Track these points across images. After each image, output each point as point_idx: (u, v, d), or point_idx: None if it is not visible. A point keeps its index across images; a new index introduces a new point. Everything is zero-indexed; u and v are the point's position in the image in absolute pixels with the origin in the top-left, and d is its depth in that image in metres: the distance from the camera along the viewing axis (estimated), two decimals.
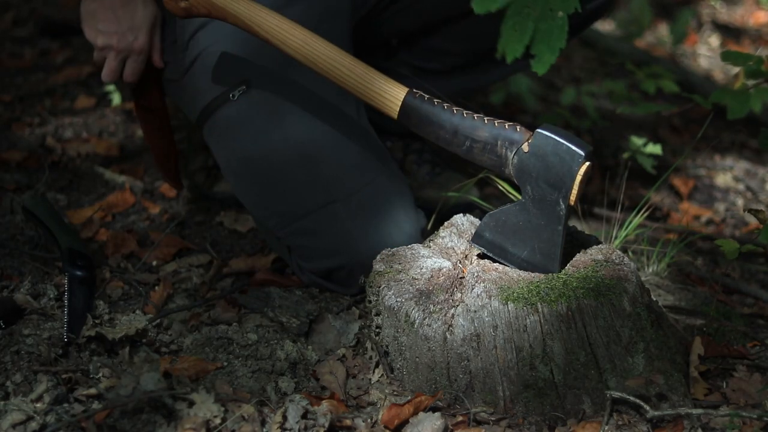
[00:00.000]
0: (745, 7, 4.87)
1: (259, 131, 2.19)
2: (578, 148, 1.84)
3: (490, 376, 1.84)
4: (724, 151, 3.54)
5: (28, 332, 1.99)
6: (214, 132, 2.25)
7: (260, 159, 2.20)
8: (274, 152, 2.19)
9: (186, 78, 2.27)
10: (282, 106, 2.19)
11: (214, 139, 2.27)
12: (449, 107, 1.92)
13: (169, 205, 2.67)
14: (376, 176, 2.21)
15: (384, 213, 2.21)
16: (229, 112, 2.21)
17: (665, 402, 1.87)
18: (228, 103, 2.21)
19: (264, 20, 2.01)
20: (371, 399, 1.91)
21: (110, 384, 1.85)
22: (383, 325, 1.93)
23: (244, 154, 2.22)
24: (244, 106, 2.19)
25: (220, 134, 2.25)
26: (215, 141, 2.27)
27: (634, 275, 1.90)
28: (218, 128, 2.24)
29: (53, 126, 3.01)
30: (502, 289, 1.86)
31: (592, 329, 1.84)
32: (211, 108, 2.24)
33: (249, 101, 2.19)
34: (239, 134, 2.22)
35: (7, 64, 3.42)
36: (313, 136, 2.18)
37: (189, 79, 2.27)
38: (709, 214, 3.13)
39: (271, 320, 2.09)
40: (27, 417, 1.76)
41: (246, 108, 2.19)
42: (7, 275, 2.23)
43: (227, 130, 2.23)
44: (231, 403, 1.83)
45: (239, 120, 2.20)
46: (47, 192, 2.67)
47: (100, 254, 2.37)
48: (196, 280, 2.29)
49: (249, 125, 2.20)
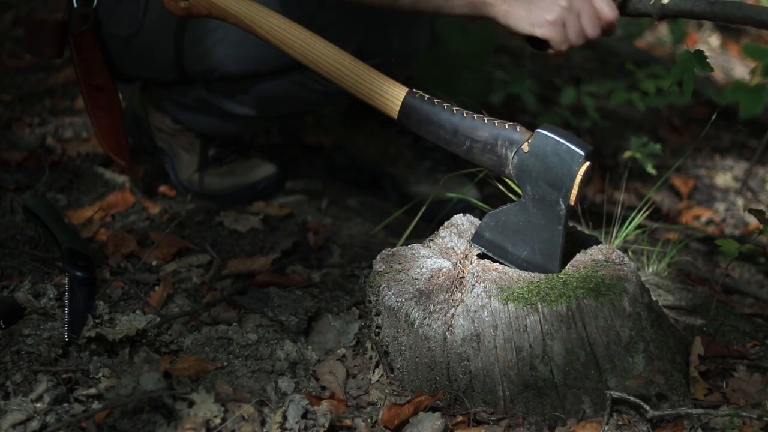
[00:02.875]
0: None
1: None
2: (578, 148, 1.84)
3: (490, 376, 1.84)
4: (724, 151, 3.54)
5: (28, 332, 1.99)
6: (197, 25, 2.43)
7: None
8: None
9: (146, 18, 2.44)
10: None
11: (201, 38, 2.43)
12: (449, 107, 1.92)
13: (169, 205, 2.67)
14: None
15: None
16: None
17: (665, 402, 1.87)
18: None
19: (264, 20, 2.01)
20: (371, 399, 1.91)
21: (110, 384, 1.85)
22: (383, 325, 1.93)
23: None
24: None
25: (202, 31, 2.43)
26: (203, 39, 2.44)
27: (634, 275, 1.90)
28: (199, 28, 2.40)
29: (53, 126, 3.01)
30: (502, 289, 1.86)
31: (592, 329, 1.84)
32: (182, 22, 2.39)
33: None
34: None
35: (7, 64, 3.42)
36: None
37: (149, 18, 2.46)
38: (709, 214, 3.13)
39: (270, 320, 2.09)
40: (27, 417, 1.76)
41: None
42: (7, 275, 2.23)
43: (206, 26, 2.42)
44: (231, 403, 1.83)
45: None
46: (47, 192, 2.67)
47: (100, 254, 2.37)
48: (196, 280, 2.29)
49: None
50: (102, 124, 2.59)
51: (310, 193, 2.81)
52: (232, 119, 2.62)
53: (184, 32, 2.49)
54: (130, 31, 2.52)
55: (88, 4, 2.49)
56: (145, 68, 2.62)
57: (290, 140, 3.14)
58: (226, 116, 2.61)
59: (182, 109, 2.67)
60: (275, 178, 2.76)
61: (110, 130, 2.61)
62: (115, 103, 2.62)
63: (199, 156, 2.72)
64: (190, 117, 2.67)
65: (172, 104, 2.68)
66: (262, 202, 2.69)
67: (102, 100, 2.59)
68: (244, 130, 2.74)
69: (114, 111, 2.62)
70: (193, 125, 2.69)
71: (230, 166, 2.74)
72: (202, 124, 2.67)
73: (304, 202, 2.75)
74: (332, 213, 2.72)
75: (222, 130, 2.68)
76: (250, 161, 2.76)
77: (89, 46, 2.52)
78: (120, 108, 2.64)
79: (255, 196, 2.72)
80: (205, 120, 2.66)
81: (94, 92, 2.57)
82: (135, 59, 2.58)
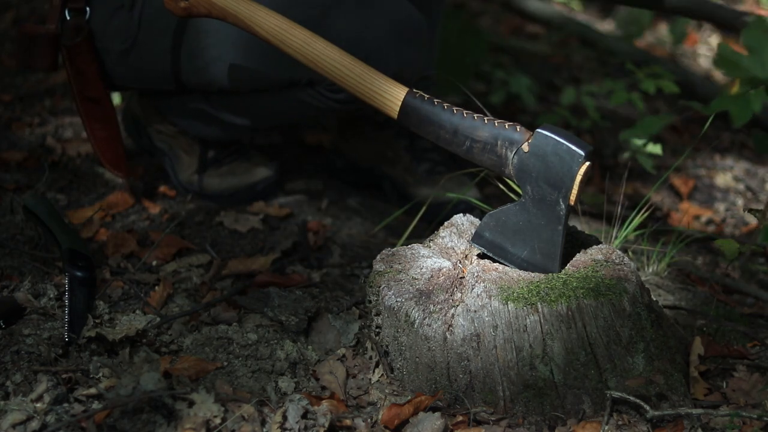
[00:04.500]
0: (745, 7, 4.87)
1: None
2: (578, 148, 1.84)
3: (490, 376, 1.84)
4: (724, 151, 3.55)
5: (28, 332, 1.99)
6: (193, 42, 2.43)
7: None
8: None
9: (140, 33, 2.44)
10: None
11: (195, 50, 2.44)
12: (449, 107, 1.92)
13: (169, 205, 2.67)
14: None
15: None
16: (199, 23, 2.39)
17: (665, 402, 1.87)
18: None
19: (264, 20, 2.01)
20: (371, 399, 1.91)
21: (110, 384, 1.85)
22: (383, 325, 1.93)
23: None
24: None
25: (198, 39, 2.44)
26: (199, 50, 2.44)
27: (634, 275, 1.90)
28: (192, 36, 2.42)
29: (53, 126, 3.01)
30: (502, 289, 1.86)
31: (592, 329, 1.84)
32: (180, 28, 2.42)
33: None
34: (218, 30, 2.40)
35: (7, 64, 3.42)
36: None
37: (143, 33, 2.45)
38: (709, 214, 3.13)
39: (270, 320, 2.09)
40: (27, 417, 1.76)
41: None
42: (7, 275, 2.23)
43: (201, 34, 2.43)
44: (231, 403, 1.83)
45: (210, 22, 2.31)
46: (47, 192, 2.67)
47: (100, 254, 2.37)
48: (196, 280, 2.29)
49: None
50: (98, 136, 2.58)
51: (309, 193, 2.81)
52: (231, 128, 2.63)
53: (180, 46, 2.48)
54: (125, 45, 2.51)
55: (80, 16, 2.48)
56: (142, 81, 2.61)
57: (290, 140, 3.14)
58: (225, 125, 2.62)
59: (181, 116, 2.67)
60: (275, 178, 2.76)
61: (107, 142, 2.60)
62: (111, 115, 2.61)
63: (198, 157, 2.72)
64: (189, 124, 2.67)
65: (171, 111, 2.68)
66: (261, 203, 2.70)
67: (98, 113, 2.57)
68: (243, 137, 2.74)
69: (110, 123, 2.61)
70: (192, 131, 2.69)
71: (230, 166, 2.74)
72: (201, 131, 2.68)
73: (304, 202, 2.75)
74: (332, 213, 2.73)
75: (221, 137, 2.69)
76: (249, 162, 2.76)
77: (83, 59, 2.51)
78: (116, 119, 2.64)
79: (254, 197, 2.72)
80: (204, 128, 2.66)
81: (90, 104, 2.56)
82: (131, 72, 2.57)
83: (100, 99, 2.57)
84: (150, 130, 2.75)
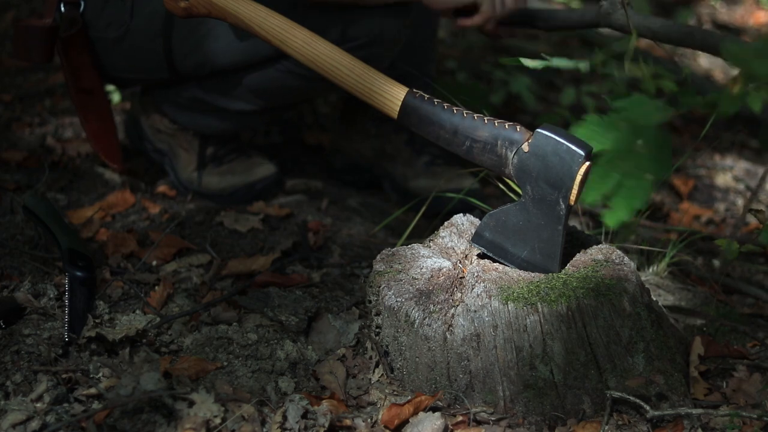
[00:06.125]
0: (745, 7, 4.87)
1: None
2: (578, 148, 1.84)
3: (490, 376, 1.84)
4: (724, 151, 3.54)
5: (28, 332, 1.99)
6: (184, 24, 2.46)
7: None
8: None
9: (133, 20, 2.47)
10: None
11: (188, 44, 2.46)
12: (449, 107, 1.92)
13: (169, 204, 2.67)
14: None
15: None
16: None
17: (665, 402, 1.87)
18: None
19: (264, 20, 2.01)
20: (371, 399, 1.91)
21: (110, 384, 1.85)
22: (383, 325, 1.93)
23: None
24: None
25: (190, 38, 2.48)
26: (190, 46, 2.49)
27: (634, 275, 1.90)
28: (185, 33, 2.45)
29: (53, 126, 3.01)
30: (502, 288, 1.86)
31: (592, 329, 1.84)
32: (169, 20, 2.46)
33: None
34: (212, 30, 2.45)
35: (7, 64, 3.42)
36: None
37: (136, 20, 2.48)
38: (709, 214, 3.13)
39: (270, 320, 2.09)
40: (27, 417, 1.76)
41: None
42: (7, 275, 2.23)
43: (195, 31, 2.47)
44: (231, 403, 1.83)
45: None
46: (47, 192, 2.67)
47: (100, 254, 2.37)
48: (196, 280, 2.29)
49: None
50: (92, 127, 2.63)
51: (310, 193, 2.81)
52: (228, 116, 2.63)
53: (172, 30, 2.51)
54: (118, 33, 2.54)
55: (75, 8, 2.50)
56: (136, 70, 2.63)
57: (290, 140, 3.14)
58: (222, 113, 2.62)
59: (179, 109, 2.68)
60: (274, 177, 2.76)
61: (101, 133, 2.64)
62: (106, 107, 2.65)
63: (197, 154, 2.73)
64: (187, 117, 2.68)
65: (169, 106, 2.69)
66: (262, 202, 2.70)
67: (92, 104, 2.61)
68: (240, 126, 2.74)
69: (104, 114, 2.65)
70: (190, 125, 2.70)
71: (230, 165, 2.74)
72: (199, 123, 2.68)
73: (304, 202, 2.75)
74: (332, 213, 2.73)
75: (219, 128, 2.69)
76: (249, 161, 2.76)
77: (77, 50, 2.54)
78: (111, 111, 2.68)
79: (254, 196, 2.72)
80: (201, 119, 2.67)
81: (84, 96, 2.59)
82: (126, 61, 2.59)
83: (95, 90, 2.61)
84: (150, 131, 2.76)
